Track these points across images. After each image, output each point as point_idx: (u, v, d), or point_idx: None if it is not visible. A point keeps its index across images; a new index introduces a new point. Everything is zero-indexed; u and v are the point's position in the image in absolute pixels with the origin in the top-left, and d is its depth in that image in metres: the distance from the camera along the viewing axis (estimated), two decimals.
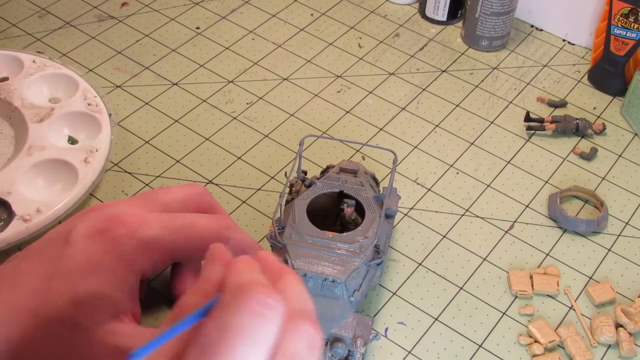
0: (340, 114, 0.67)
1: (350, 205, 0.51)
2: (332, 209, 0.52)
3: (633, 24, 0.66)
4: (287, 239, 0.47)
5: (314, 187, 0.51)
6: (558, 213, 0.59)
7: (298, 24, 0.76)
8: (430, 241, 0.58)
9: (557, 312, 0.54)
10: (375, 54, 0.74)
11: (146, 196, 0.48)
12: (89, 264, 0.42)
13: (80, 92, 0.63)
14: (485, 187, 0.62)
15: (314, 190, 0.51)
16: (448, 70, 0.73)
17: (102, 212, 0.45)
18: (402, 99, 0.69)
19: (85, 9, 0.76)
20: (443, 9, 0.76)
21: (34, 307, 0.41)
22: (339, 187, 0.52)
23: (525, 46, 0.76)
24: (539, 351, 0.51)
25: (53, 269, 0.42)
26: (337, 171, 0.53)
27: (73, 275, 0.42)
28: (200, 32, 0.75)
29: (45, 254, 0.43)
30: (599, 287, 0.55)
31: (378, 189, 0.54)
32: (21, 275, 0.43)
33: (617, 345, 0.52)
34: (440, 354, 0.51)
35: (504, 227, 0.59)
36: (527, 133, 0.67)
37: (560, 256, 0.57)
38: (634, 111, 0.67)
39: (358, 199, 0.51)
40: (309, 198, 0.50)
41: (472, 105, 0.69)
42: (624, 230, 0.59)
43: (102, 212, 0.45)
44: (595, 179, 0.63)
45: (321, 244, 0.47)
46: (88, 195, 0.58)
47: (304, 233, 0.48)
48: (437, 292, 0.54)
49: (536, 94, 0.71)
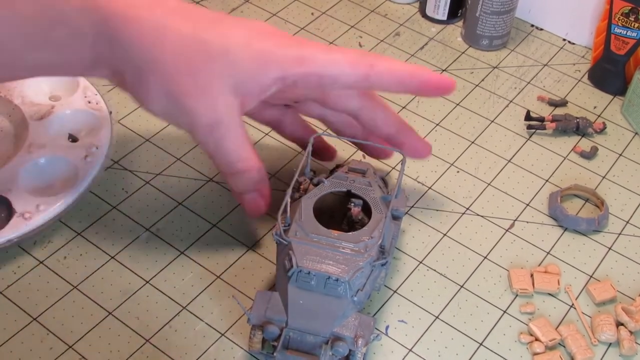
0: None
1: (357, 205, 0.51)
2: (339, 208, 0.52)
3: (633, 23, 0.67)
4: (292, 236, 0.47)
5: (322, 186, 0.51)
6: (559, 212, 0.59)
7: (298, 23, 0.76)
8: (431, 239, 0.58)
9: (557, 310, 0.54)
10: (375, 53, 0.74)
11: None
12: (238, 37, 0.46)
13: (80, 90, 0.63)
14: (486, 186, 0.62)
15: (321, 189, 0.51)
16: (448, 69, 0.73)
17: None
18: (402, 98, 0.69)
19: None
20: (443, 8, 0.76)
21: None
22: (347, 186, 0.51)
23: (526, 45, 0.76)
24: (539, 349, 0.51)
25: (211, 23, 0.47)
26: (345, 171, 0.53)
27: (224, 34, 0.46)
28: None
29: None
30: (599, 286, 0.55)
31: (387, 190, 0.54)
32: None
33: (617, 344, 0.52)
34: (441, 352, 0.51)
35: (504, 225, 0.59)
36: (527, 132, 0.67)
37: (560, 255, 0.57)
38: (634, 110, 0.67)
39: (365, 199, 0.51)
40: (316, 196, 0.50)
41: (473, 104, 0.69)
42: (624, 229, 0.59)
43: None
44: (596, 178, 0.63)
45: (326, 243, 0.47)
46: (88, 193, 0.58)
47: (310, 231, 0.48)
48: (437, 291, 0.54)
49: (536, 93, 0.71)
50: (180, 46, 0.45)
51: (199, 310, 0.52)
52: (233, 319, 0.52)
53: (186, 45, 0.45)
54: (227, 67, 0.46)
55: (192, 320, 0.51)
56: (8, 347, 0.49)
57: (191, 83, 0.45)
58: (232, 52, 0.46)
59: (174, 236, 0.56)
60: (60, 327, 0.50)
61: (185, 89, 0.45)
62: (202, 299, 0.53)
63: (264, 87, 0.47)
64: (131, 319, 0.51)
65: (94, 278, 0.53)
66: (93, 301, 0.52)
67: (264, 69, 0.47)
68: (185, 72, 0.45)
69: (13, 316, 0.51)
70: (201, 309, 0.52)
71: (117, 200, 0.58)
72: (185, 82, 0.45)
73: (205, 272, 0.54)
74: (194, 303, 0.52)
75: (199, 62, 0.45)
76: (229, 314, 0.52)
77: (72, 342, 0.50)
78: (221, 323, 0.51)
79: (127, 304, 0.52)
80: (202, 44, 0.45)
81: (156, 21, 0.45)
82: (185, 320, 0.51)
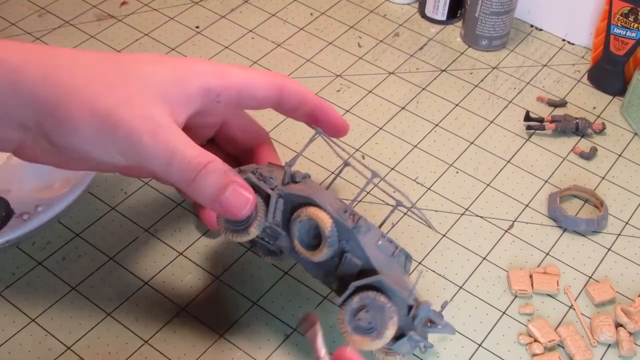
0: (339, 113, 0.67)
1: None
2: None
3: (633, 23, 0.66)
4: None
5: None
6: (558, 212, 0.59)
7: (298, 23, 0.76)
8: (430, 240, 0.58)
9: (557, 311, 0.54)
10: (374, 54, 0.74)
11: None
12: (154, 57, 0.45)
13: None
14: (485, 187, 0.62)
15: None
16: (448, 69, 0.73)
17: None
18: (401, 98, 0.69)
19: (85, 8, 0.76)
20: (443, 9, 0.76)
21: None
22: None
23: (525, 46, 0.76)
24: (538, 350, 0.51)
25: (122, 54, 0.45)
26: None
27: (138, 57, 0.45)
28: (199, 31, 0.75)
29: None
30: (598, 287, 0.55)
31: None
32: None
33: (617, 345, 0.52)
34: (440, 352, 0.51)
35: (503, 226, 0.59)
36: (526, 132, 0.67)
37: (560, 255, 0.57)
38: (634, 111, 0.67)
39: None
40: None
41: (472, 105, 0.69)
42: (623, 229, 0.59)
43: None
44: (595, 179, 0.63)
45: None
46: (87, 194, 0.57)
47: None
48: (436, 291, 0.54)
49: (536, 94, 0.70)
50: (93, 68, 0.43)
51: (198, 311, 0.52)
52: (232, 320, 0.52)
53: (100, 66, 0.43)
54: (148, 79, 0.44)
55: (191, 322, 0.51)
56: (6, 348, 0.49)
57: (115, 98, 0.42)
58: (149, 65, 0.44)
59: (172, 237, 0.56)
60: (59, 328, 0.50)
61: (111, 104, 0.42)
62: (201, 299, 0.53)
63: (190, 97, 0.45)
64: (130, 320, 0.51)
65: (93, 279, 0.53)
66: (92, 302, 0.52)
67: (186, 78, 0.45)
68: (106, 90, 0.42)
69: (11, 317, 0.51)
70: (200, 310, 0.52)
71: (115, 201, 0.58)
72: (109, 98, 0.42)
73: (204, 273, 0.54)
74: (193, 304, 0.52)
75: (117, 78, 0.43)
76: (228, 315, 0.52)
77: (71, 343, 0.50)
78: (220, 324, 0.51)
79: (126, 305, 0.52)
80: (116, 61, 0.44)
81: (62, 57, 0.43)
82: (184, 322, 0.51)
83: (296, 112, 0.51)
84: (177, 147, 0.43)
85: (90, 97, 0.42)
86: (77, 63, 0.43)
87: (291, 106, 0.50)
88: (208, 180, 0.43)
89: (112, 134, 0.42)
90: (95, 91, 0.42)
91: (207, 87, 0.46)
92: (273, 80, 0.49)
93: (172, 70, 0.45)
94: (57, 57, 0.43)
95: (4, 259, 0.54)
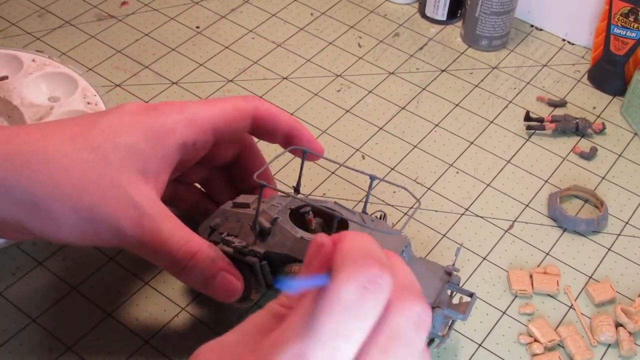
0: (339, 113, 0.67)
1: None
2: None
3: (633, 23, 0.66)
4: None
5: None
6: (558, 212, 0.59)
7: (298, 23, 0.76)
8: (430, 240, 0.58)
9: (557, 311, 0.54)
10: (375, 54, 0.74)
11: None
12: (124, 124, 0.44)
13: (79, 91, 0.63)
14: (485, 187, 0.62)
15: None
16: (448, 69, 0.73)
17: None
18: (401, 98, 0.69)
19: (85, 8, 0.76)
20: (443, 9, 0.76)
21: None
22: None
23: (525, 46, 0.76)
24: (538, 350, 0.51)
25: (91, 123, 0.44)
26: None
27: (109, 128, 0.44)
28: (200, 31, 0.75)
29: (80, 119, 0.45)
30: (598, 287, 0.55)
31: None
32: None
33: (617, 345, 0.52)
34: (440, 352, 0.51)
35: (503, 226, 0.59)
36: (526, 132, 0.67)
37: (560, 255, 0.57)
38: (634, 111, 0.67)
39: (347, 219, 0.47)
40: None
41: (472, 105, 0.69)
42: (623, 229, 0.59)
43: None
44: (595, 179, 0.63)
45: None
46: None
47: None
48: None
49: (536, 94, 0.71)
50: (67, 153, 0.42)
51: (198, 312, 0.52)
52: (232, 320, 0.52)
53: (73, 148, 0.42)
54: (125, 154, 0.43)
55: (191, 322, 0.51)
56: (7, 348, 0.49)
57: (95, 191, 0.42)
58: (124, 136, 0.43)
59: None
60: (59, 328, 0.50)
61: (93, 199, 0.42)
62: (202, 300, 0.53)
63: (168, 158, 0.45)
64: (130, 320, 0.51)
65: (93, 279, 0.53)
66: (92, 302, 0.52)
67: (161, 140, 0.44)
68: (85, 183, 0.42)
69: (12, 317, 0.51)
70: (200, 310, 0.52)
71: None
72: (90, 193, 0.42)
73: None
74: (193, 304, 0.52)
75: (94, 162, 0.42)
76: (228, 315, 0.52)
77: (71, 343, 0.50)
78: (220, 324, 0.51)
79: (126, 305, 0.52)
80: (89, 137, 0.43)
81: (30, 146, 0.42)
82: (185, 322, 0.51)
83: (273, 135, 0.50)
84: (163, 236, 0.43)
85: (71, 194, 0.42)
86: (47, 154, 0.42)
87: (267, 129, 0.49)
88: (196, 270, 0.44)
89: (95, 227, 0.43)
90: (74, 186, 0.42)
91: (183, 142, 0.46)
92: (245, 106, 0.48)
93: (145, 139, 0.44)
94: (25, 149, 0.42)
95: (4, 259, 0.54)
